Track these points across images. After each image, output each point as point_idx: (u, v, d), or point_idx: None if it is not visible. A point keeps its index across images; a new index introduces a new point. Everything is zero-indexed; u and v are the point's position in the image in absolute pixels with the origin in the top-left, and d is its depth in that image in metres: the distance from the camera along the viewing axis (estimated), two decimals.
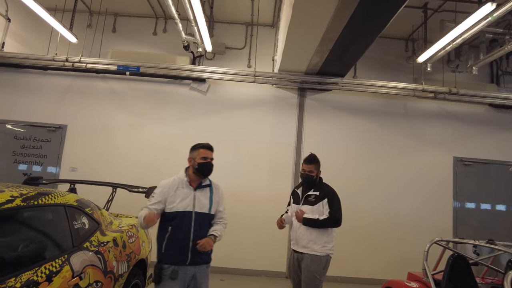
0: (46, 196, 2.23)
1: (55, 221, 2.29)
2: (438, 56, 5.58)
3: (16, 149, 6.29)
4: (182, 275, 2.49)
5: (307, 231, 3.17)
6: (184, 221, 2.53)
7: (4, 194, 1.88)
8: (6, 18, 5.85)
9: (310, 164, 3.29)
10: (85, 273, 2.26)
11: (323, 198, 3.21)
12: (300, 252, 3.20)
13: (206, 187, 2.70)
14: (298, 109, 6.36)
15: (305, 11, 3.73)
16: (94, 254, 2.46)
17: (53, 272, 1.95)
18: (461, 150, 6.38)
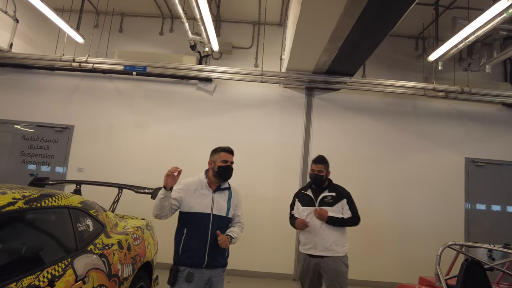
0: (50, 198, 2.19)
1: (59, 224, 2.25)
2: (450, 55, 5.43)
3: (24, 149, 6.32)
4: (198, 278, 2.48)
5: (329, 234, 3.10)
6: (202, 223, 2.53)
7: (6, 196, 1.84)
8: (14, 19, 5.87)
9: (319, 164, 3.26)
10: (89, 277, 2.21)
11: (341, 199, 3.20)
12: (320, 256, 3.10)
13: (225, 190, 2.71)
14: (306, 109, 6.27)
15: (314, 8, 3.64)
16: (98, 257, 2.42)
17: (55, 276, 1.90)
18: (473, 151, 6.22)
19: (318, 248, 3.10)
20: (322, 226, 3.11)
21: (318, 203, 3.20)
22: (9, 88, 6.36)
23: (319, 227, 3.12)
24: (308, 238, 3.18)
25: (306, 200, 3.28)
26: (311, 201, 3.24)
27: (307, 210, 3.22)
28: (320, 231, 3.12)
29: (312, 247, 3.13)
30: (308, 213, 3.19)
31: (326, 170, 3.29)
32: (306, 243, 3.20)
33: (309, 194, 3.28)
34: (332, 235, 3.11)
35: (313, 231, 3.13)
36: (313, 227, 3.14)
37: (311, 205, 3.21)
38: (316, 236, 3.12)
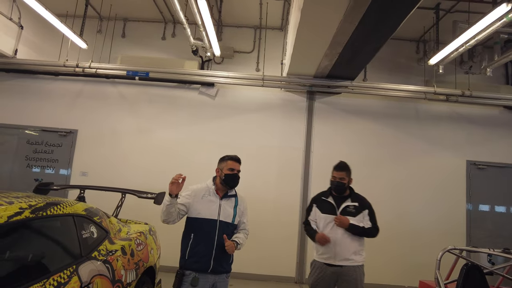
0: (55, 207, 2.24)
1: (64, 231, 2.30)
2: (451, 58, 5.46)
3: (28, 153, 6.40)
4: (203, 283, 2.54)
5: (350, 243, 3.03)
6: (209, 229, 2.59)
7: (13, 206, 1.90)
8: (19, 26, 5.96)
9: (341, 171, 3.17)
10: (93, 283, 2.26)
11: (363, 209, 3.12)
12: (339, 265, 3.01)
13: (232, 197, 2.78)
14: (307, 113, 6.31)
15: (314, 15, 3.68)
16: (103, 264, 2.47)
17: (61, 284, 1.95)
18: (475, 154, 6.24)
19: (338, 258, 3.01)
20: (343, 235, 3.02)
21: (340, 212, 3.10)
22: (14, 94, 6.45)
23: (340, 236, 3.02)
24: (328, 247, 3.05)
25: (326, 207, 3.17)
26: (332, 209, 3.13)
27: (328, 218, 3.10)
28: (341, 241, 3.02)
29: (331, 257, 3.03)
30: (329, 221, 3.08)
31: (348, 177, 3.18)
32: (325, 252, 3.07)
33: (331, 202, 3.16)
34: (352, 245, 3.04)
35: (333, 241, 3.02)
36: (333, 236, 3.03)
37: (332, 213, 3.10)
38: (336, 246, 3.01)
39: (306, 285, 5.78)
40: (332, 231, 3.03)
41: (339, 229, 3.02)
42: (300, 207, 6.02)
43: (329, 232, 3.03)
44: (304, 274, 5.86)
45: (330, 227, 3.06)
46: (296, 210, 6.03)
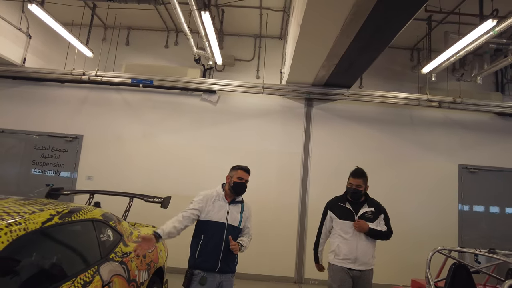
0: (78, 213, 2.46)
1: (86, 235, 2.52)
2: (443, 67, 5.72)
3: (35, 158, 6.60)
4: (210, 282, 2.72)
5: (369, 248, 3.15)
6: (218, 231, 2.79)
7: (44, 213, 2.11)
8: (27, 35, 6.16)
9: (358, 178, 3.22)
10: (113, 282, 2.48)
11: (380, 214, 3.24)
12: (358, 270, 3.10)
13: (238, 203, 2.98)
14: (305, 119, 6.55)
15: (312, 30, 3.92)
16: (119, 264, 2.69)
17: (87, 282, 2.17)
18: (467, 158, 6.49)
19: (357, 262, 3.10)
20: (363, 241, 3.13)
21: (358, 218, 3.18)
22: (21, 100, 6.65)
23: (361, 242, 3.12)
24: (349, 252, 3.13)
25: (344, 213, 3.24)
26: (351, 215, 3.20)
27: (347, 224, 3.18)
28: (361, 246, 3.12)
29: (352, 261, 3.10)
30: (349, 227, 3.16)
31: (365, 184, 3.25)
32: (346, 257, 3.13)
33: (348, 208, 3.24)
34: (370, 250, 3.16)
35: (354, 245, 3.11)
36: (354, 242, 3.12)
37: (350, 219, 3.18)
38: (358, 251, 3.11)
39: (305, 284, 6.02)
40: (353, 237, 3.12)
41: (360, 235, 3.13)
42: (299, 209, 6.25)
43: (350, 237, 3.12)
44: (303, 274, 6.09)
45: (350, 234, 3.14)
46: (295, 212, 6.26)
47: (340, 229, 3.20)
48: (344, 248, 3.14)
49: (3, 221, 1.79)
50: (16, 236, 1.76)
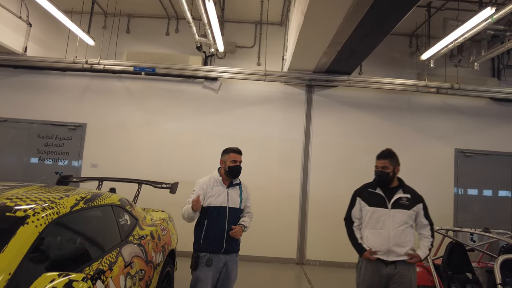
0: (99, 198, 2.60)
1: (107, 219, 2.66)
2: (441, 53, 5.82)
3: (39, 147, 6.66)
4: (216, 263, 2.87)
5: (404, 238, 2.76)
6: (220, 215, 2.90)
7: (70, 198, 2.24)
8: (28, 23, 6.14)
9: (383, 159, 2.91)
10: (133, 263, 2.63)
11: (417, 202, 2.85)
12: (392, 263, 2.75)
13: (236, 186, 3.08)
14: (306, 105, 6.66)
15: (316, 19, 4.00)
16: (138, 246, 2.84)
17: (112, 262, 2.32)
18: (463, 142, 6.69)
19: (391, 254, 2.75)
20: (397, 229, 2.76)
21: (391, 205, 2.81)
22: (23, 89, 6.67)
23: (393, 231, 2.76)
24: (380, 244, 2.77)
25: (375, 199, 2.87)
26: (382, 201, 2.83)
27: (378, 211, 2.82)
28: (395, 236, 2.75)
29: (385, 253, 2.76)
30: (380, 215, 2.80)
31: (393, 166, 2.88)
32: (377, 249, 2.78)
33: (379, 193, 2.87)
34: (407, 240, 2.77)
35: (386, 236, 2.76)
36: (385, 231, 2.77)
37: (382, 206, 2.82)
38: (390, 242, 2.75)
39: (306, 265, 6.27)
40: (385, 226, 2.78)
41: (393, 223, 2.77)
42: (300, 194, 6.44)
43: (380, 226, 2.78)
44: (304, 255, 6.33)
45: (381, 223, 2.79)
46: (296, 197, 6.45)
47: (370, 218, 2.84)
48: (375, 239, 2.79)
49: (38, 205, 1.92)
50: (52, 219, 1.89)
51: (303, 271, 5.89)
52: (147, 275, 2.86)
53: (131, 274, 2.55)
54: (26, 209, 1.86)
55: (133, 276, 2.56)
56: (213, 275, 2.85)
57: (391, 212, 2.80)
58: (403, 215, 2.78)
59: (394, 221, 2.78)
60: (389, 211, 2.80)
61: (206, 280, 2.82)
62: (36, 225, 1.77)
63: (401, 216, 2.78)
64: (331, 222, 6.31)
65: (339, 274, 5.83)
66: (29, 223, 1.75)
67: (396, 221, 2.78)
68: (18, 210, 1.83)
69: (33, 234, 1.72)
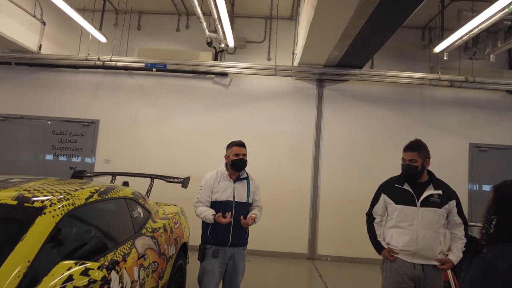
0: (112, 191, 2.64)
1: (121, 211, 2.71)
2: (455, 46, 5.69)
3: (54, 143, 6.81)
4: (222, 255, 2.92)
5: (435, 240, 2.52)
6: (226, 209, 2.91)
7: (85, 191, 2.29)
8: (42, 22, 6.25)
9: (411, 152, 2.64)
10: (146, 254, 2.68)
11: (449, 199, 2.58)
12: (420, 265, 2.51)
13: (244, 180, 3.09)
14: (317, 100, 6.62)
15: (326, 13, 3.96)
16: (151, 239, 2.89)
17: (126, 254, 2.37)
18: (477, 136, 6.55)
19: (417, 256, 2.52)
20: (426, 230, 2.51)
21: (420, 203, 2.55)
22: (38, 86, 6.81)
23: (423, 231, 2.51)
24: (408, 244, 2.53)
25: (402, 196, 2.62)
26: (411, 199, 2.57)
27: (406, 209, 2.57)
28: (424, 237, 2.50)
29: (410, 255, 2.53)
30: (408, 213, 2.56)
31: (422, 159, 2.60)
32: (403, 248, 2.55)
33: (408, 189, 2.61)
34: (436, 242, 2.51)
35: (414, 236, 2.51)
36: (413, 231, 2.53)
37: (410, 204, 2.56)
38: (419, 243, 2.50)
39: (317, 260, 6.26)
40: (413, 226, 2.53)
41: (421, 223, 2.52)
42: (311, 189, 6.42)
43: (408, 226, 2.54)
44: (315, 251, 6.33)
45: (409, 222, 2.55)
46: (307, 192, 6.44)
47: (397, 216, 2.60)
48: (401, 239, 2.56)
49: (54, 197, 1.97)
50: (67, 210, 1.94)
51: (314, 266, 5.89)
52: (160, 267, 2.91)
53: (145, 265, 2.60)
54: (43, 200, 1.91)
55: (146, 268, 2.61)
56: (219, 267, 2.91)
57: (420, 210, 2.53)
58: (433, 214, 2.52)
59: (423, 221, 2.52)
60: (418, 209, 2.54)
61: (213, 271, 2.88)
62: (53, 215, 1.82)
63: (431, 215, 2.52)
64: (343, 217, 6.31)
65: (351, 270, 5.81)
66: (46, 213, 1.80)
67: (426, 220, 2.52)
68: (35, 201, 1.89)
69: (50, 224, 1.77)
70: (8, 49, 6.24)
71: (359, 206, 6.36)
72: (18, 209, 1.82)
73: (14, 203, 1.85)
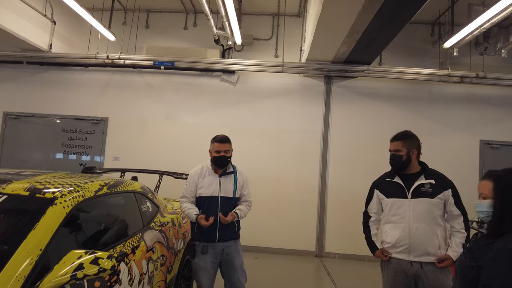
0: (121, 185, 2.67)
1: (129, 205, 2.73)
2: (465, 41, 5.61)
3: (64, 140, 6.90)
4: (212, 250, 2.87)
5: (431, 233, 2.37)
6: (212, 205, 2.86)
7: (95, 183, 2.32)
8: (52, 21, 6.34)
9: (395, 141, 2.61)
10: (155, 248, 2.70)
11: (444, 189, 2.43)
12: (418, 263, 2.36)
13: (230, 174, 2.99)
14: (325, 96, 6.59)
15: (334, 8, 3.94)
16: (159, 232, 2.91)
17: (135, 246, 2.39)
18: (488, 133, 6.44)
19: (413, 252, 2.38)
20: (419, 222, 2.37)
21: (411, 193, 2.44)
22: (49, 85, 6.92)
23: (415, 224, 2.38)
24: (400, 238, 2.41)
25: (393, 189, 2.53)
26: (401, 191, 2.47)
27: (397, 202, 2.47)
28: (417, 230, 2.37)
29: (405, 250, 2.40)
30: (399, 206, 2.46)
31: (408, 148, 2.52)
32: (397, 244, 2.43)
33: (398, 182, 2.52)
34: (434, 236, 2.36)
35: (407, 230, 2.39)
36: (405, 224, 2.40)
37: (401, 196, 2.46)
38: (411, 237, 2.38)
39: (325, 258, 6.24)
40: (404, 219, 2.42)
41: (413, 215, 2.40)
42: (319, 186, 6.40)
43: (399, 220, 2.44)
44: (323, 248, 6.31)
45: (400, 215, 2.44)
46: (315, 190, 6.41)
47: (389, 211, 2.51)
48: (393, 234, 2.46)
49: (65, 188, 2.00)
50: (77, 202, 1.97)
51: (322, 264, 5.87)
52: (168, 261, 2.93)
53: (153, 259, 2.62)
54: (54, 191, 1.94)
55: (154, 261, 2.63)
56: (211, 262, 2.86)
57: (411, 202, 2.41)
58: (425, 205, 2.38)
59: (415, 213, 2.39)
60: (409, 201, 2.42)
61: (205, 267, 2.84)
62: (63, 206, 1.85)
63: (422, 206, 2.38)
64: (351, 215, 6.24)
65: (359, 267, 5.77)
66: (57, 204, 1.83)
67: (418, 212, 2.38)
68: (47, 192, 1.92)
69: (61, 215, 1.80)
70: (20, 48, 6.34)
71: None
72: (30, 199, 1.86)
73: (26, 194, 1.89)
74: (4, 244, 1.65)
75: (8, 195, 1.85)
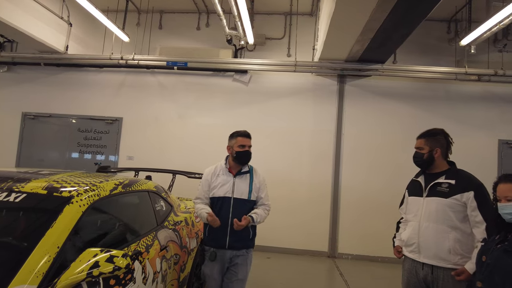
0: (136, 184, 2.71)
1: (144, 204, 2.77)
2: (483, 38, 5.45)
3: (79, 140, 7.04)
4: (220, 258, 2.67)
5: (442, 235, 2.21)
6: (224, 206, 2.66)
7: (110, 183, 2.35)
8: (68, 23, 6.48)
9: (419, 138, 2.52)
10: (168, 246, 2.72)
11: (465, 190, 2.21)
12: (429, 265, 2.24)
13: (245, 174, 2.79)
14: (338, 96, 6.53)
15: (348, 6, 3.89)
16: (173, 231, 2.93)
17: (149, 245, 2.42)
18: (507, 133, 6.26)
19: (423, 253, 2.27)
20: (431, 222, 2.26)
21: (426, 192, 2.35)
22: (66, 86, 7.07)
23: (426, 223, 2.28)
24: (410, 236, 2.36)
25: (414, 187, 2.50)
26: (419, 189, 2.41)
27: (413, 200, 2.45)
28: (427, 230, 2.26)
29: (415, 249, 2.32)
30: (414, 204, 2.42)
31: (431, 147, 2.41)
32: (408, 242, 2.38)
33: (419, 181, 2.46)
34: (446, 239, 2.19)
35: (416, 228, 2.32)
36: (415, 222, 2.35)
37: (419, 195, 2.41)
38: (420, 235, 2.28)
39: (338, 259, 6.18)
40: (416, 217, 2.36)
41: (425, 213, 2.31)
42: (332, 186, 6.34)
43: (412, 217, 2.40)
44: (336, 249, 6.25)
45: (413, 213, 2.39)
46: (328, 189, 6.36)
47: (408, 209, 2.51)
48: (406, 233, 2.42)
49: (81, 187, 2.04)
50: (93, 200, 2.00)
51: (335, 264, 5.82)
52: (182, 260, 2.95)
53: (167, 257, 2.64)
54: (71, 190, 1.98)
55: (168, 260, 2.65)
56: (218, 271, 2.68)
57: (425, 200, 2.32)
58: (436, 204, 2.24)
59: (426, 212, 2.28)
60: (423, 199, 2.34)
61: (212, 276, 2.68)
62: (79, 205, 1.88)
63: (434, 205, 2.25)
64: (364, 216, 6.20)
65: (372, 268, 5.70)
66: (73, 202, 1.87)
67: (429, 211, 2.27)
68: (63, 191, 1.96)
69: (77, 213, 1.83)
70: (38, 50, 6.50)
71: (381, 205, 6.26)
72: (47, 198, 1.90)
73: (44, 193, 1.93)
74: (24, 241, 1.69)
75: (27, 193, 1.90)
